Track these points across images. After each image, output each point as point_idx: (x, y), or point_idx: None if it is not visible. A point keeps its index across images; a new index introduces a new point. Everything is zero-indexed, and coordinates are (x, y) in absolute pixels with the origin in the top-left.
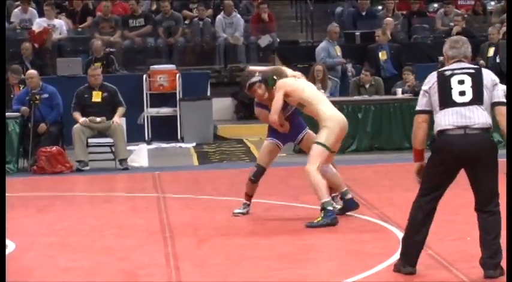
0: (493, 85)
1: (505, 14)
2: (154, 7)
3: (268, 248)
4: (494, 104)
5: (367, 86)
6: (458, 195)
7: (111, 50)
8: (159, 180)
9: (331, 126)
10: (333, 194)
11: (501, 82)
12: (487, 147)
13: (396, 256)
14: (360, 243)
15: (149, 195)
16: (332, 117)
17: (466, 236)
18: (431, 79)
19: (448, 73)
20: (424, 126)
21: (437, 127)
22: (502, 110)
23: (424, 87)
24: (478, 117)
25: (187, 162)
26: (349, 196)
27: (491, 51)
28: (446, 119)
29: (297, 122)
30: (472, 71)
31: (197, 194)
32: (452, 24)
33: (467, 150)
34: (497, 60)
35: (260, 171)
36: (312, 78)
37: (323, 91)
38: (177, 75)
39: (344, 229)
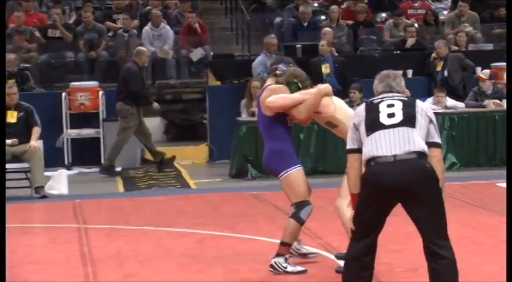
0: (429, 121)
1: (462, 24)
2: (73, 18)
3: None
4: (428, 145)
5: None
6: (409, 222)
7: (26, 65)
8: (80, 209)
9: None
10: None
11: (451, 96)
12: (422, 176)
13: None
14: (302, 277)
15: (69, 226)
16: None
17: (418, 267)
18: (360, 111)
19: (377, 101)
20: (356, 167)
21: (364, 157)
22: (438, 153)
23: (353, 120)
24: (409, 140)
25: (111, 189)
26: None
27: (439, 66)
28: (372, 146)
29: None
30: (405, 98)
31: (122, 224)
32: (402, 34)
33: (399, 181)
34: (445, 74)
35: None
36: (248, 95)
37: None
38: (100, 92)
39: None
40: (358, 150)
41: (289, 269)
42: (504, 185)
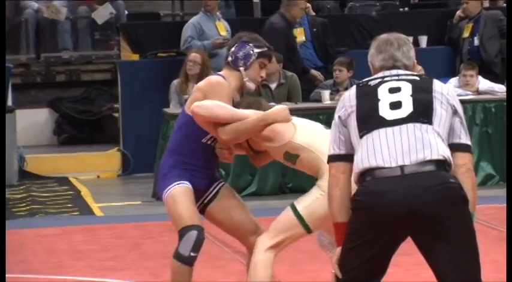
0: (453, 112)
1: None
2: None
3: None
4: (452, 148)
5: (273, 85)
6: (422, 264)
7: None
8: None
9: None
10: None
11: (485, 75)
12: (445, 196)
13: None
14: None
15: None
16: None
17: None
18: (349, 98)
19: (374, 82)
20: (343, 181)
21: (356, 168)
22: (467, 161)
23: (338, 113)
24: (424, 143)
25: None
26: None
27: (467, 30)
28: (369, 152)
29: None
30: (416, 78)
31: None
32: None
33: (409, 205)
34: (476, 42)
35: None
36: (183, 75)
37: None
38: None
39: None
40: (346, 157)
41: None
42: None
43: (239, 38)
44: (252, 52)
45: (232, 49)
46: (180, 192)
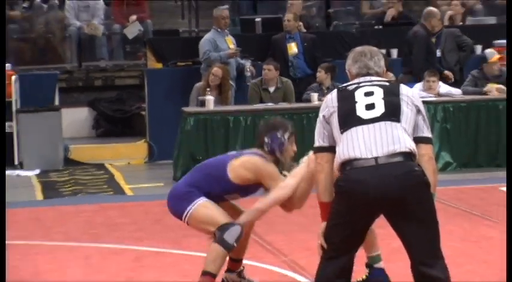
0: (416, 111)
1: None
2: None
3: None
4: (417, 140)
5: (271, 89)
6: (392, 235)
7: None
8: None
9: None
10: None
11: (445, 81)
12: (411, 182)
13: None
14: None
15: None
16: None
17: None
18: (332, 100)
19: (352, 87)
20: (327, 168)
21: (338, 159)
22: (428, 151)
23: (322, 112)
24: (394, 138)
25: (27, 196)
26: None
27: None
28: (348, 145)
29: None
30: (386, 83)
31: (42, 239)
32: (384, 2)
33: (382, 191)
34: (438, 54)
35: None
36: (205, 81)
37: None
38: (13, 78)
39: None
40: (329, 149)
41: None
42: None
43: (268, 129)
44: (283, 140)
45: (266, 140)
46: (203, 205)
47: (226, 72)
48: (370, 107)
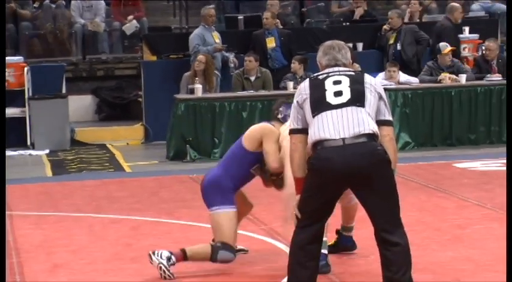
0: (378, 97)
1: None
2: None
3: (136, 274)
4: (379, 123)
5: (252, 78)
6: (359, 207)
7: None
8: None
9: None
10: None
11: (404, 71)
12: (373, 161)
13: None
14: (246, 265)
15: None
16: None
17: (369, 254)
18: (304, 88)
19: (322, 76)
20: (301, 149)
21: (310, 140)
22: (389, 132)
23: (296, 98)
24: (359, 121)
25: (38, 172)
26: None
27: (392, 39)
28: (319, 128)
29: None
30: (352, 73)
31: (51, 210)
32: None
33: (348, 167)
34: (398, 47)
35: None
36: (192, 70)
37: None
38: (26, 68)
39: None
40: (303, 131)
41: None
42: (461, 165)
43: (282, 101)
44: None
45: (281, 109)
46: (232, 216)
47: (209, 60)
48: (338, 94)
